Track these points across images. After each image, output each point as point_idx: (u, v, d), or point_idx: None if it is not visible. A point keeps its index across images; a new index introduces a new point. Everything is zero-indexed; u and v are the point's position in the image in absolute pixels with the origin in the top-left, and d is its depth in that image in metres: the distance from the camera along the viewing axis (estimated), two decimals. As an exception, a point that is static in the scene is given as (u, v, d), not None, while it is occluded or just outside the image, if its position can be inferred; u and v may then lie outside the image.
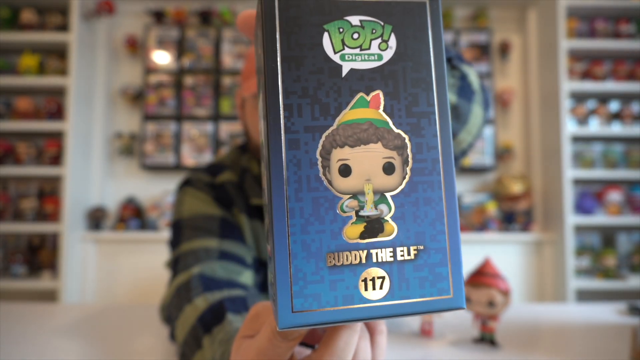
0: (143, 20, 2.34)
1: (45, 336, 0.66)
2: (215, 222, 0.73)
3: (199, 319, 0.55)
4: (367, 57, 0.26)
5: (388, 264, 0.25)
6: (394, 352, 0.58)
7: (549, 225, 2.18)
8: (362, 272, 0.24)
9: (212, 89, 2.25)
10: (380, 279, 0.24)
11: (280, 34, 0.26)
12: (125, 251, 2.11)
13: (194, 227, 0.72)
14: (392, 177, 0.26)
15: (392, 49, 0.26)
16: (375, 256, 0.25)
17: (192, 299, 0.59)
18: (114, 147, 2.30)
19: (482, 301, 0.58)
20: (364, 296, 0.24)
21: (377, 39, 0.26)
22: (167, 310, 0.64)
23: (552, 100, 2.15)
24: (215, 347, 0.50)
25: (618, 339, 0.65)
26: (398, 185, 0.26)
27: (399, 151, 0.26)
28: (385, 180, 0.26)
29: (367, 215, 0.25)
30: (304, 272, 0.24)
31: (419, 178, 0.26)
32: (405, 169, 0.26)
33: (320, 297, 0.24)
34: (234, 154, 0.84)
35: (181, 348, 0.56)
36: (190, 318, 0.57)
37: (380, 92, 0.27)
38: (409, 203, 0.26)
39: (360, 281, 0.24)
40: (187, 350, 0.54)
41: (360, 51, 0.26)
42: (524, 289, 2.15)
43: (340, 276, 0.24)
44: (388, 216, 0.25)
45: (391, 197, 0.26)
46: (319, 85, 0.26)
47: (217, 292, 0.59)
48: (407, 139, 0.26)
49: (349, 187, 0.25)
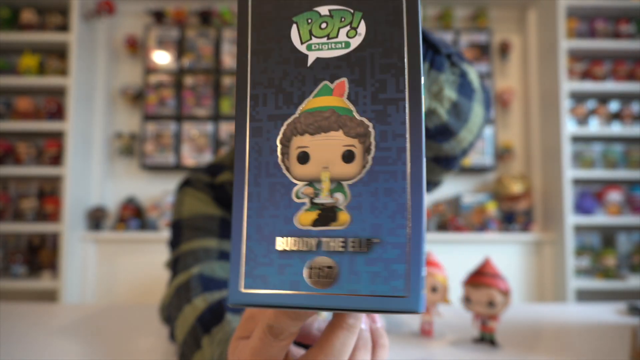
0: (143, 20, 2.34)
1: (45, 336, 0.66)
2: (214, 222, 0.73)
3: (198, 319, 0.55)
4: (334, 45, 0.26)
5: (338, 254, 0.24)
6: (394, 352, 0.58)
7: (549, 225, 2.18)
8: (309, 260, 0.24)
9: (212, 89, 2.25)
10: (328, 269, 0.24)
11: (252, 29, 0.27)
12: (125, 251, 2.11)
13: (193, 228, 0.72)
14: (351, 166, 0.25)
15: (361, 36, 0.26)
16: (325, 245, 0.24)
17: (192, 299, 0.59)
18: (114, 147, 2.30)
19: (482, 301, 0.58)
20: (309, 284, 0.24)
21: (346, 27, 0.26)
22: (167, 311, 0.64)
23: (552, 100, 2.15)
24: (214, 347, 0.51)
25: (618, 339, 0.65)
26: (357, 174, 0.25)
27: (360, 139, 0.25)
28: (344, 169, 0.25)
29: (321, 203, 0.25)
30: (255, 254, 0.25)
31: (381, 167, 0.24)
32: (367, 158, 0.25)
33: (267, 279, 0.24)
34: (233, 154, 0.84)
35: (181, 348, 0.56)
36: (190, 318, 0.57)
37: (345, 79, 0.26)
38: (367, 193, 0.24)
39: (307, 268, 0.24)
40: (186, 350, 0.55)
41: (327, 40, 0.26)
42: (524, 289, 2.15)
43: (289, 261, 0.24)
44: (343, 205, 0.25)
45: (348, 186, 0.25)
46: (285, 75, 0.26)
47: (217, 292, 0.59)
48: (370, 126, 0.25)
49: (306, 174, 0.25)
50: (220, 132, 2.23)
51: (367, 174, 0.25)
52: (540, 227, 2.24)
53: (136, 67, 2.34)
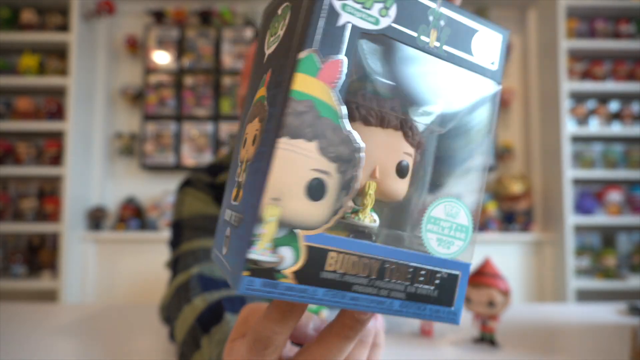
0: (143, 20, 2.34)
1: (45, 336, 0.66)
2: (215, 222, 0.73)
3: (198, 319, 0.55)
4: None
5: (231, 226, 0.25)
6: (394, 352, 0.58)
7: (549, 225, 2.18)
8: (224, 230, 0.26)
9: (212, 89, 2.25)
10: (227, 238, 0.25)
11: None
12: (125, 251, 2.11)
13: (193, 228, 0.73)
14: (253, 147, 0.24)
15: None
16: (228, 216, 0.26)
17: (191, 299, 0.59)
18: (114, 147, 2.30)
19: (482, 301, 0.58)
20: (222, 249, 0.26)
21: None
22: (167, 311, 0.64)
23: (552, 100, 2.15)
24: (212, 347, 0.50)
25: (618, 339, 0.65)
26: (253, 155, 0.24)
27: (262, 123, 0.23)
28: (248, 151, 0.24)
29: (237, 182, 0.26)
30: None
31: (262, 148, 0.22)
32: (259, 140, 0.23)
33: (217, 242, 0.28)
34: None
35: (180, 348, 0.56)
36: (189, 318, 0.57)
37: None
38: (250, 172, 0.23)
39: (225, 236, 0.26)
40: (186, 350, 0.55)
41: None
42: (524, 289, 2.14)
43: (220, 230, 0.27)
44: (241, 185, 0.25)
45: (246, 166, 0.25)
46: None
47: (216, 292, 0.59)
48: (267, 109, 0.23)
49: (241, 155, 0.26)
50: (220, 132, 2.23)
51: (254, 154, 0.23)
52: (540, 227, 2.24)
53: (136, 67, 2.34)
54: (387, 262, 0.23)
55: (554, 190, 2.13)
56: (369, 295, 0.23)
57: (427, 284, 0.24)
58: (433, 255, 0.24)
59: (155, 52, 2.26)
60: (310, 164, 0.20)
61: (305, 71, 0.21)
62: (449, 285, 0.24)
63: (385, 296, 0.23)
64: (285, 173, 0.20)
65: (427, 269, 0.24)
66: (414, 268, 0.23)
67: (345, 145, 0.20)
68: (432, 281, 0.24)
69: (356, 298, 0.22)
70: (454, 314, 0.24)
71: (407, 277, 0.23)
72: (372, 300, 0.23)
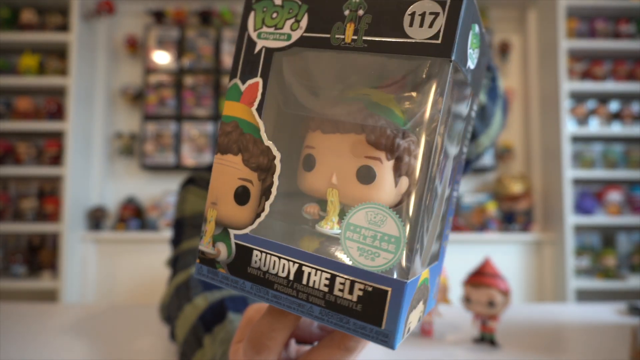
0: (143, 20, 2.34)
1: (46, 336, 0.66)
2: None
3: (200, 318, 0.55)
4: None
5: None
6: (394, 352, 0.58)
7: (549, 225, 2.18)
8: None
9: (212, 89, 2.25)
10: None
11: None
12: (125, 251, 2.11)
13: (195, 226, 0.73)
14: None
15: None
16: None
17: (192, 298, 0.59)
18: (114, 147, 2.30)
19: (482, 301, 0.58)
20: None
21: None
22: (167, 310, 0.64)
23: (552, 100, 2.15)
24: (216, 346, 0.50)
25: (618, 339, 0.65)
26: None
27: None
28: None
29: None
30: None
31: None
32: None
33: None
34: None
35: (181, 347, 0.56)
36: (191, 317, 0.57)
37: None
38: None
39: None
40: (187, 349, 0.54)
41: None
42: (524, 289, 2.15)
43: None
44: None
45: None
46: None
47: (217, 291, 0.59)
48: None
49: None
50: (220, 132, 2.23)
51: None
52: (540, 227, 2.24)
53: (136, 67, 2.34)
54: (305, 266, 0.23)
55: (554, 190, 2.13)
56: (289, 296, 0.23)
57: (348, 295, 0.22)
58: (354, 265, 0.22)
59: (155, 52, 2.26)
60: (237, 174, 0.23)
61: (230, 98, 0.25)
62: (376, 301, 0.21)
63: (305, 300, 0.23)
64: (220, 182, 0.24)
65: (345, 278, 0.22)
66: (331, 275, 0.22)
67: (265, 156, 0.23)
68: (352, 293, 0.22)
69: (278, 297, 0.24)
70: (385, 335, 0.21)
71: (325, 284, 0.22)
72: (293, 301, 0.23)
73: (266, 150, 0.23)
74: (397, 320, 0.21)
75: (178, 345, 0.57)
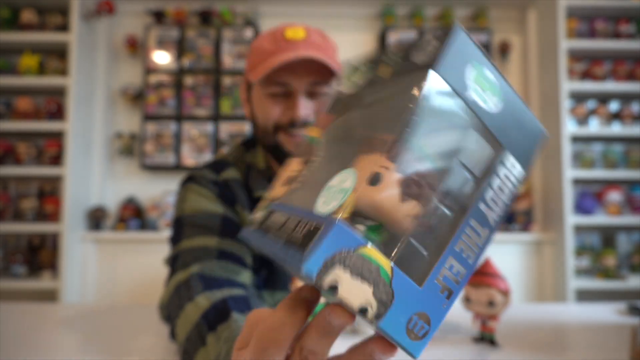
0: (143, 20, 2.35)
1: (46, 336, 0.66)
2: (216, 219, 0.73)
3: (203, 317, 0.55)
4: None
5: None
6: (394, 352, 0.58)
7: (549, 225, 2.18)
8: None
9: (212, 89, 2.25)
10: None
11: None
12: (125, 251, 2.11)
13: (194, 225, 0.72)
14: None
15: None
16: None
17: (193, 297, 0.59)
18: (114, 147, 2.30)
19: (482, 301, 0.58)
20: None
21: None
22: (167, 309, 0.64)
23: (552, 100, 2.15)
24: (220, 344, 0.50)
25: (618, 338, 0.65)
26: None
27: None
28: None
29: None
30: None
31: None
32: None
33: None
34: (237, 151, 0.86)
35: (183, 346, 0.56)
36: (193, 316, 0.57)
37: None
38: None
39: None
40: (189, 347, 0.54)
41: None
42: (524, 289, 2.15)
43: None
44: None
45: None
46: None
47: (218, 291, 0.59)
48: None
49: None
50: (220, 132, 2.24)
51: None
52: (540, 227, 2.24)
53: (136, 67, 2.34)
54: (291, 217, 0.29)
55: (554, 190, 2.13)
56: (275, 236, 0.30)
57: (300, 233, 0.27)
58: (315, 212, 0.27)
59: (155, 52, 2.26)
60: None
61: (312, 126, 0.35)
62: (311, 234, 0.25)
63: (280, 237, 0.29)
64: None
65: (305, 221, 0.27)
66: (299, 220, 0.28)
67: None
68: (303, 230, 0.27)
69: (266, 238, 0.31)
70: (300, 260, 0.24)
71: (293, 227, 0.28)
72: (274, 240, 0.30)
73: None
74: (316, 250, 0.24)
75: (179, 344, 0.57)
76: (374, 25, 2.42)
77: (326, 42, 0.79)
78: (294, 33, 0.75)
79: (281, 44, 0.75)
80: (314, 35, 0.77)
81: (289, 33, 0.75)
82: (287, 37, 0.75)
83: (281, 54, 0.73)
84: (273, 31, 0.78)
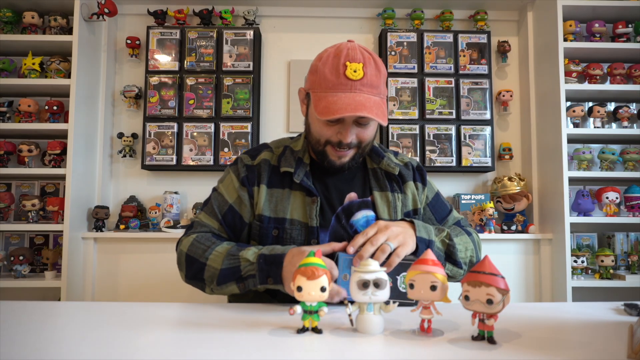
0: (144, 21, 2.35)
1: (48, 334, 0.67)
2: (224, 207, 1.01)
3: (235, 247, 0.90)
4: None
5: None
6: (392, 350, 0.59)
7: (547, 225, 2.19)
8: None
9: (213, 89, 2.26)
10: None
11: None
12: (127, 251, 2.12)
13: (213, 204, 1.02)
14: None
15: None
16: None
17: (216, 242, 0.93)
18: (116, 148, 2.31)
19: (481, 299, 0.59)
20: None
21: None
22: (189, 254, 0.94)
23: (549, 101, 2.16)
24: (254, 250, 0.87)
25: (615, 337, 0.66)
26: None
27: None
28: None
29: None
30: None
31: None
32: None
33: None
34: (289, 139, 1.09)
35: (223, 264, 0.88)
36: (224, 250, 0.89)
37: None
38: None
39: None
40: (231, 261, 0.88)
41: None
42: (523, 288, 2.16)
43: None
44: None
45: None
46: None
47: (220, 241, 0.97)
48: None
49: None
50: (221, 133, 2.24)
51: None
52: (538, 227, 2.25)
53: (137, 68, 2.35)
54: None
55: (552, 190, 2.15)
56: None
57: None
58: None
59: (157, 53, 2.27)
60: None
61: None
62: None
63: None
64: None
65: None
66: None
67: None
68: None
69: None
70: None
71: None
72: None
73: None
74: None
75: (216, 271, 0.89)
76: (374, 25, 2.44)
77: (379, 77, 0.89)
78: (354, 73, 0.86)
79: (342, 79, 0.86)
80: (371, 71, 0.88)
81: (350, 71, 0.85)
82: (348, 75, 0.85)
83: (340, 99, 0.85)
84: (337, 58, 0.88)
